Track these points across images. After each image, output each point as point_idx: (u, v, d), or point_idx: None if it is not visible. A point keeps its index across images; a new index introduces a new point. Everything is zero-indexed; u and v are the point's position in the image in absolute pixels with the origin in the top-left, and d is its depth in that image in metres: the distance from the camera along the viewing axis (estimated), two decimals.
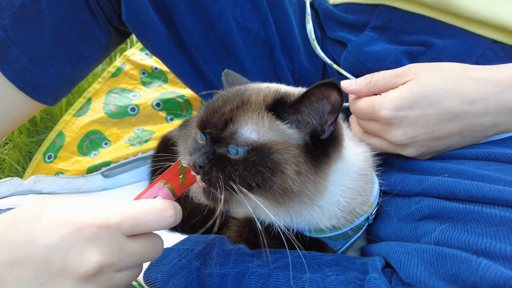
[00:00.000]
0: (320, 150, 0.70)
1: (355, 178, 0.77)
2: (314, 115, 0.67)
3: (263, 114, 0.70)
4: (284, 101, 0.70)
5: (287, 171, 0.66)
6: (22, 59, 1.01)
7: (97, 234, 0.51)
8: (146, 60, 1.72)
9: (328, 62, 1.12)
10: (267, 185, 0.66)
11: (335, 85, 0.62)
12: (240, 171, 0.66)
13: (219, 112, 0.71)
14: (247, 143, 0.67)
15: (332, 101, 0.65)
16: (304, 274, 0.64)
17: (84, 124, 1.50)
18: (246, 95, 0.74)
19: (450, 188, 0.66)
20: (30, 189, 1.13)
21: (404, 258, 0.60)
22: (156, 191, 0.63)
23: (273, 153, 0.66)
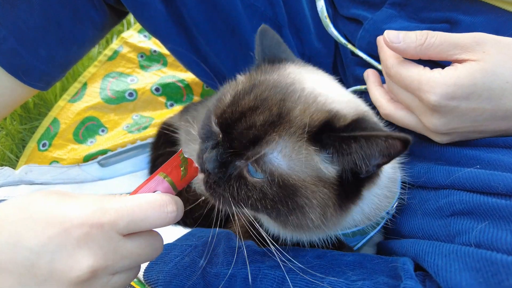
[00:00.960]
0: (353, 189, 0.60)
1: (385, 185, 0.69)
2: (365, 159, 0.55)
3: (303, 144, 0.57)
4: (334, 126, 0.58)
5: (309, 214, 0.57)
6: (10, 40, 0.94)
7: (88, 235, 0.46)
8: (145, 43, 1.64)
9: (342, 41, 1.04)
10: (280, 219, 0.59)
11: (407, 142, 0.51)
12: (253, 199, 0.58)
13: (248, 119, 0.58)
14: (271, 172, 0.57)
15: (393, 153, 0.53)
16: (325, 277, 0.57)
17: (80, 110, 1.43)
18: (287, 105, 0.59)
19: (486, 181, 0.59)
20: (22, 180, 1.07)
21: (442, 262, 0.53)
22: (155, 184, 0.56)
23: (299, 196, 0.57)
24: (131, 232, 0.50)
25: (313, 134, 0.57)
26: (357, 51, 1.02)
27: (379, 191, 0.67)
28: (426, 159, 0.77)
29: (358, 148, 0.54)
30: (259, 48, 0.76)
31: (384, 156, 0.54)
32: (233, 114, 0.60)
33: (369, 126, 0.57)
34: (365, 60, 1.02)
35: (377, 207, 0.68)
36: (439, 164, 0.72)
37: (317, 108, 0.60)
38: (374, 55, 1.01)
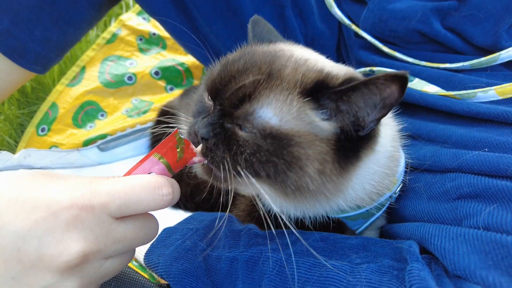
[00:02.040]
0: (352, 148, 0.58)
1: (384, 163, 0.67)
2: (366, 108, 0.54)
3: (294, 97, 0.56)
4: (328, 84, 0.57)
5: (307, 168, 0.55)
6: (4, 21, 0.92)
7: (78, 217, 0.43)
8: (144, 25, 1.60)
9: (346, 22, 1.01)
10: (279, 178, 0.56)
11: (405, 80, 0.50)
12: (246, 154, 0.56)
13: (237, 80, 0.58)
14: (263, 128, 0.55)
15: (392, 98, 0.52)
16: (328, 260, 0.56)
17: (78, 94, 1.41)
18: (277, 64, 0.59)
19: (495, 164, 0.57)
20: (20, 164, 1.06)
21: (449, 245, 0.52)
22: (149, 166, 0.53)
23: (294, 145, 0.55)
24: (124, 215, 0.48)
25: (307, 91, 0.57)
26: (361, 32, 0.99)
27: (378, 168, 0.65)
28: (433, 142, 0.75)
29: (358, 97, 0.54)
30: (251, 34, 0.76)
31: (385, 104, 0.53)
32: (223, 79, 0.59)
33: (358, 79, 0.56)
34: (369, 41, 0.99)
35: (378, 185, 0.67)
36: (446, 147, 0.71)
37: (309, 68, 0.60)
38: (378, 36, 0.98)
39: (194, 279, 0.60)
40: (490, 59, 0.79)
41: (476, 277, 0.46)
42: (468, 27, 0.82)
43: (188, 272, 0.61)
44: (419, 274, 0.47)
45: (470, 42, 0.84)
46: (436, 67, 0.88)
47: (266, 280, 0.56)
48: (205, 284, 0.60)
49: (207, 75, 0.66)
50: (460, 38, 0.86)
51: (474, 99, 0.74)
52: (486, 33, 0.80)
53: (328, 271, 0.54)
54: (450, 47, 0.89)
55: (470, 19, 0.82)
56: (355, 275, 0.53)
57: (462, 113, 0.74)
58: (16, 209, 0.42)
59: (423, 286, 0.46)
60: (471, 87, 0.77)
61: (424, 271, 0.48)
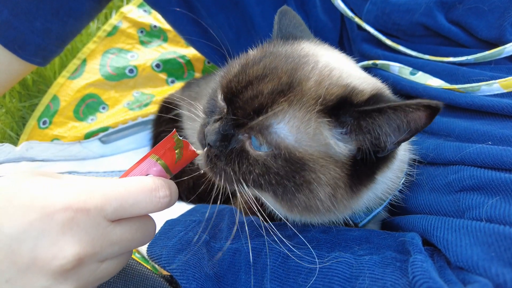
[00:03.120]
0: (367, 171, 0.57)
1: (397, 167, 0.66)
2: (389, 132, 0.51)
3: (313, 116, 0.53)
4: (352, 101, 0.54)
5: (318, 192, 0.54)
6: (3, 11, 0.92)
7: (73, 220, 0.42)
8: (144, 18, 1.59)
9: (349, 14, 1.00)
10: (286, 198, 0.55)
11: (438, 110, 0.47)
12: (255, 174, 0.54)
13: (255, 87, 0.54)
14: (277, 146, 0.53)
15: (419, 124, 0.50)
16: (331, 252, 0.56)
17: (80, 87, 1.40)
18: (299, 75, 0.55)
19: (498, 157, 0.57)
20: (23, 156, 1.06)
21: (452, 237, 0.52)
22: (146, 167, 0.52)
23: (307, 170, 0.53)
24: (120, 218, 0.47)
25: (328, 108, 0.54)
26: (364, 25, 0.98)
27: (392, 174, 0.65)
28: (436, 135, 0.75)
29: (383, 121, 0.51)
30: (276, 26, 0.72)
31: (409, 129, 0.51)
32: (239, 83, 0.57)
33: (391, 100, 0.54)
34: (373, 34, 0.98)
35: (389, 188, 0.66)
36: (449, 140, 0.71)
37: (333, 82, 0.56)
38: (381, 29, 0.97)
39: (197, 270, 0.60)
40: (495, 53, 0.78)
41: (479, 268, 0.46)
42: (472, 20, 0.81)
43: (191, 263, 0.61)
44: (422, 266, 0.47)
45: (474, 35, 0.83)
46: (439, 61, 0.88)
47: (269, 271, 0.57)
48: (208, 275, 0.60)
49: (224, 72, 0.63)
50: (464, 31, 0.86)
51: (478, 92, 0.74)
52: (491, 26, 0.79)
53: (331, 263, 0.54)
54: (454, 40, 0.88)
55: (474, 11, 0.82)
56: (358, 266, 0.53)
57: (466, 106, 0.73)
58: (11, 210, 0.42)
59: (426, 277, 0.46)
60: (475, 81, 0.76)
61: (427, 263, 0.48)
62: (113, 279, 0.65)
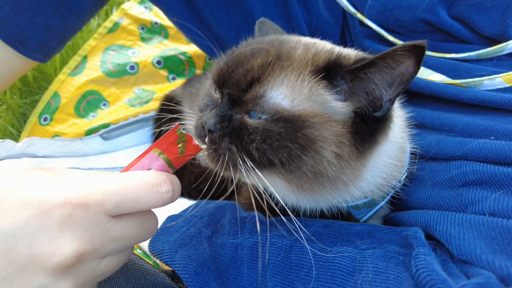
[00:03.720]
0: (369, 130, 0.57)
1: (394, 154, 0.66)
2: (383, 85, 0.53)
3: (306, 77, 0.55)
4: (341, 63, 0.55)
5: (323, 151, 0.53)
6: (4, 8, 0.91)
7: (72, 216, 0.41)
8: (145, 14, 1.59)
9: (351, 10, 0.99)
10: (294, 165, 0.54)
11: (422, 50, 0.49)
12: (257, 142, 0.54)
13: (245, 65, 0.56)
14: (274, 111, 0.54)
15: (408, 73, 0.51)
16: (333, 246, 0.56)
17: (81, 84, 1.40)
18: (286, 47, 0.59)
19: (501, 152, 0.57)
20: (24, 152, 1.06)
21: (455, 231, 0.52)
22: (148, 162, 0.50)
23: (308, 127, 0.53)
24: (121, 214, 0.45)
25: (320, 70, 0.56)
26: (366, 21, 0.98)
27: (389, 160, 0.65)
28: (438, 131, 0.75)
29: (375, 73, 0.52)
30: (257, 33, 0.76)
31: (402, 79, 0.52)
32: (230, 66, 0.58)
33: (371, 56, 0.55)
34: (375, 30, 0.98)
35: (389, 177, 0.66)
36: (451, 135, 0.70)
37: (319, 49, 0.59)
38: (383, 25, 0.97)
39: (199, 265, 0.60)
40: (497, 49, 0.78)
41: (482, 261, 0.46)
42: (475, 16, 0.81)
43: (193, 258, 0.61)
44: (426, 259, 0.47)
45: (477, 31, 0.83)
46: (441, 57, 0.87)
47: (271, 265, 0.57)
48: (210, 270, 0.60)
49: (214, 68, 0.64)
50: (466, 27, 0.85)
51: (480, 87, 0.74)
52: (493, 22, 0.79)
53: (333, 257, 0.54)
54: (456, 36, 0.88)
55: (477, 7, 0.81)
56: (361, 260, 0.53)
57: (468, 101, 0.73)
58: (7, 206, 0.40)
59: (429, 270, 0.46)
60: (477, 76, 0.76)
61: (430, 256, 0.48)
62: (115, 274, 0.65)
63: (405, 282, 0.48)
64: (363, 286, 0.49)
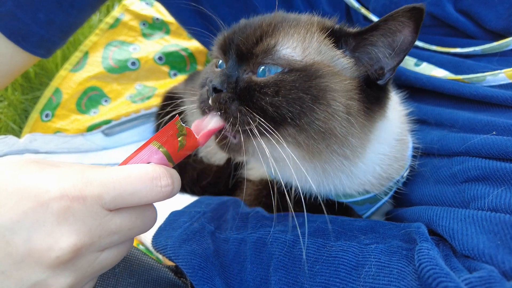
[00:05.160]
0: (374, 95, 0.59)
1: (393, 145, 0.67)
2: (385, 49, 0.55)
3: (314, 33, 0.58)
4: (345, 30, 0.59)
5: (335, 103, 0.54)
6: (7, 2, 0.91)
7: (69, 209, 0.40)
8: (147, 10, 1.58)
9: (355, 6, 0.99)
10: (306, 119, 0.53)
11: (421, 13, 0.51)
12: (270, 95, 0.53)
13: (253, 25, 0.59)
14: (286, 61, 0.55)
15: (407, 40, 0.54)
16: (336, 241, 0.56)
17: (82, 80, 1.40)
18: (291, 16, 0.62)
19: (503, 147, 0.57)
20: (26, 148, 1.06)
21: (457, 226, 0.52)
22: (147, 155, 0.48)
23: (321, 76, 0.54)
24: (119, 207, 0.44)
25: (326, 29, 0.59)
26: (370, 16, 0.97)
27: (387, 148, 0.66)
28: (440, 127, 0.75)
29: (378, 36, 0.55)
30: None
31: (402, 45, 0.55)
32: (236, 30, 0.61)
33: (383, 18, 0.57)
34: None
35: (388, 168, 0.67)
36: (453, 131, 0.70)
37: (322, 20, 0.63)
38: None
39: (202, 260, 0.60)
40: (503, 44, 0.77)
41: (485, 256, 0.47)
42: (481, 10, 0.81)
43: (197, 253, 0.61)
44: (429, 253, 0.47)
45: (482, 25, 0.83)
46: (446, 52, 0.87)
47: (275, 260, 0.57)
48: (214, 265, 0.60)
49: (217, 39, 0.66)
50: (471, 22, 0.85)
51: (483, 83, 0.74)
52: (499, 17, 0.79)
53: (337, 251, 0.54)
54: (461, 30, 0.87)
55: (483, 2, 0.81)
56: (364, 255, 0.53)
57: (470, 97, 0.73)
58: (4, 200, 0.40)
59: (432, 264, 0.46)
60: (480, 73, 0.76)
61: (433, 250, 0.48)
62: (119, 269, 0.65)
63: (408, 276, 0.48)
64: (367, 280, 0.50)
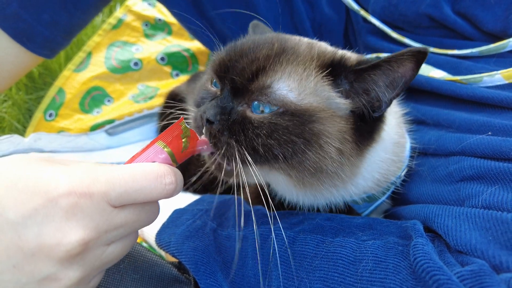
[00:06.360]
0: (367, 129, 0.59)
1: (390, 149, 0.68)
2: (385, 88, 0.55)
3: (312, 71, 0.56)
4: (345, 64, 0.57)
5: (327, 146, 0.55)
6: (13, 4, 0.92)
7: (77, 205, 0.42)
8: (149, 11, 1.60)
9: (355, 8, 1.00)
10: (296, 159, 0.54)
11: (424, 56, 0.51)
12: (263, 137, 0.54)
13: (250, 55, 0.57)
14: (281, 103, 0.54)
15: (409, 76, 0.53)
16: (335, 237, 0.58)
17: (85, 80, 1.42)
18: (290, 43, 0.60)
19: (498, 147, 0.59)
20: (31, 147, 1.07)
21: (452, 223, 0.53)
22: (153, 154, 0.50)
23: (315, 122, 0.54)
24: (124, 204, 0.46)
25: (325, 66, 0.57)
26: (369, 18, 0.98)
27: (385, 154, 0.67)
28: (437, 127, 0.76)
29: (379, 76, 0.54)
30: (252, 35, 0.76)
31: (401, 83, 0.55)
32: (232, 57, 0.58)
33: (374, 59, 0.57)
34: (378, 27, 0.99)
35: (386, 172, 0.68)
36: (450, 131, 0.72)
37: (322, 49, 0.61)
38: (388, 21, 0.98)
39: (205, 256, 0.62)
40: (500, 46, 0.79)
41: (477, 251, 0.48)
42: (479, 11, 0.82)
43: (199, 249, 0.63)
44: (423, 249, 0.49)
45: (480, 27, 0.84)
46: (444, 54, 0.88)
47: (275, 256, 0.58)
48: (216, 261, 0.62)
49: (213, 59, 0.64)
50: (469, 23, 0.86)
51: (480, 83, 0.75)
52: (497, 19, 0.80)
53: (335, 247, 0.56)
54: (459, 32, 0.88)
55: (481, 3, 0.82)
56: (362, 250, 0.55)
57: (467, 98, 0.74)
58: (15, 195, 0.41)
59: (426, 258, 0.47)
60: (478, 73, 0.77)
61: (428, 246, 0.50)
62: (124, 265, 0.67)
63: (403, 270, 0.50)
64: (364, 274, 0.51)
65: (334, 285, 0.53)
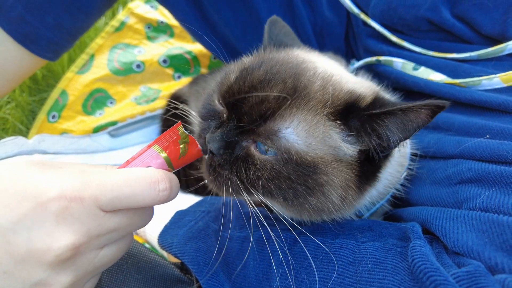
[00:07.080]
0: (372, 170, 0.59)
1: (396, 163, 0.69)
2: (397, 133, 0.53)
3: (322, 119, 0.54)
4: (359, 106, 0.55)
5: (330, 194, 0.55)
6: (17, 7, 0.93)
7: (68, 209, 0.41)
8: (151, 13, 1.61)
9: (355, 11, 1.01)
10: (297, 202, 0.55)
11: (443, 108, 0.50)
12: (264, 179, 0.53)
13: (259, 92, 0.54)
14: (287, 151, 0.52)
15: (423, 123, 0.52)
16: (335, 239, 0.59)
17: (88, 82, 1.43)
18: (303, 79, 0.56)
19: (495, 151, 0.59)
20: (35, 149, 1.09)
21: (449, 225, 0.54)
22: (148, 159, 0.48)
23: (319, 173, 0.53)
24: (116, 209, 0.45)
25: (337, 112, 0.55)
26: (369, 21, 0.99)
27: (392, 170, 0.67)
28: (436, 130, 0.77)
29: (393, 122, 0.53)
30: (267, 35, 0.74)
31: (414, 129, 0.53)
32: (241, 89, 0.55)
33: (390, 102, 0.56)
34: (378, 30, 1.00)
35: (390, 183, 0.69)
36: (449, 134, 0.73)
37: (336, 87, 0.57)
38: (387, 24, 0.99)
39: (207, 256, 0.63)
40: (498, 49, 0.79)
41: (473, 252, 0.49)
42: (477, 15, 0.83)
43: (202, 250, 0.64)
44: (421, 250, 0.50)
45: (478, 30, 0.85)
46: (443, 57, 0.89)
47: (276, 257, 0.59)
48: (218, 261, 0.63)
49: (222, 80, 0.62)
50: (468, 27, 0.87)
51: (479, 86, 0.76)
52: (495, 22, 0.81)
53: (335, 249, 0.57)
54: (458, 36, 0.89)
55: (479, 7, 0.83)
56: (361, 251, 0.56)
57: (465, 101, 0.75)
58: (5, 201, 0.40)
59: (424, 260, 0.48)
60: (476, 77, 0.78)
61: (425, 248, 0.51)
62: (127, 266, 0.68)
63: (401, 271, 0.51)
64: (363, 275, 0.52)
65: (334, 285, 0.54)
